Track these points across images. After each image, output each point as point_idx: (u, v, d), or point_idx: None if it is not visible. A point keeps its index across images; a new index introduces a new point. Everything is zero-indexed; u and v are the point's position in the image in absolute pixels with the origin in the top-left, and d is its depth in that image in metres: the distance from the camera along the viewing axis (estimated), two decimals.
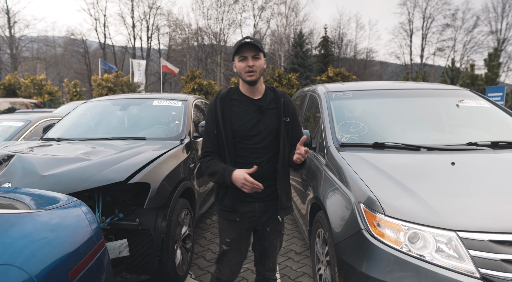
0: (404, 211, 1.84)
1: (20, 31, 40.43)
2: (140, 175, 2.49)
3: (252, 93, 1.91)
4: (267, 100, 1.93)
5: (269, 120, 1.89)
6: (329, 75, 16.07)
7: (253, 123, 1.86)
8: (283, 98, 1.94)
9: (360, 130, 2.76)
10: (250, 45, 1.79)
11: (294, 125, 1.97)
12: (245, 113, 1.88)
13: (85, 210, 1.52)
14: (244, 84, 1.89)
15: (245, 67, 1.81)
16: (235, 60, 1.87)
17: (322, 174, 2.62)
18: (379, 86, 3.44)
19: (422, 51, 39.18)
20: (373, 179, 2.12)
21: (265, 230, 2.00)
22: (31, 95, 16.47)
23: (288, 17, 37.64)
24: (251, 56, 1.81)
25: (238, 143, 1.87)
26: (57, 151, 2.89)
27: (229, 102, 1.89)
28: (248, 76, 1.82)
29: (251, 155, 1.87)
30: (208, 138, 1.92)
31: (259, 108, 1.88)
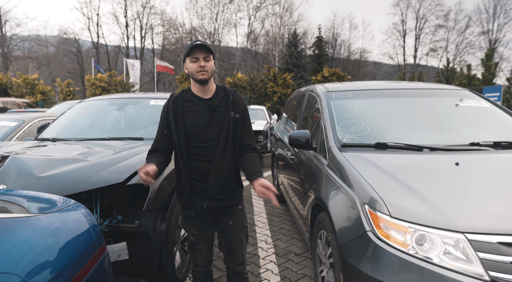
0: (410, 212, 1.81)
1: (11, 30, 39.96)
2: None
3: (203, 93, 1.98)
4: (218, 98, 2.00)
5: (220, 118, 1.96)
6: (324, 75, 16.09)
7: (205, 121, 1.94)
8: (232, 96, 2.02)
9: (361, 131, 2.74)
10: (202, 47, 1.88)
11: (244, 122, 2.05)
12: (197, 113, 1.96)
13: (85, 212, 1.47)
14: (196, 85, 1.97)
15: (196, 67, 1.89)
16: (186, 62, 1.94)
17: (324, 175, 2.59)
18: (378, 86, 3.42)
19: (415, 51, 39.49)
20: (377, 179, 2.09)
21: (227, 223, 2.06)
22: (23, 94, 16.24)
23: (283, 17, 37.68)
24: (203, 58, 1.90)
25: (191, 141, 1.96)
26: (53, 151, 2.82)
27: (181, 103, 1.98)
28: (200, 75, 1.89)
29: (204, 152, 1.96)
30: (157, 138, 2.07)
31: (210, 106, 1.95)
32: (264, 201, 5.49)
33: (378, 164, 2.26)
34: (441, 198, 1.86)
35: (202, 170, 1.97)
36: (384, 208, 1.87)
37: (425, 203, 1.84)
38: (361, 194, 2.06)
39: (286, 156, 4.28)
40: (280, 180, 4.84)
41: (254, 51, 42.42)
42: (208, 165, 1.96)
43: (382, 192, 1.96)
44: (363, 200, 2.01)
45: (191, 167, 1.96)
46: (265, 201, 5.49)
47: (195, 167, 1.97)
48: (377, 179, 2.10)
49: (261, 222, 4.50)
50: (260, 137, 9.00)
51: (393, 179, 2.07)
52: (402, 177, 2.08)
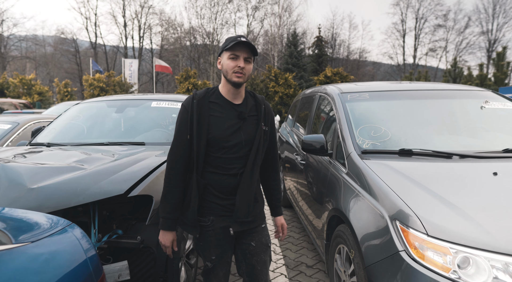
0: (451, 230, 1.60)
1: (8, 29, 39.62)
2: (142, 186, 2.22)
3: (233, 97, 1.72)
4: (248, 106, 1.74)
5: (249, 128, 1.72)
6: (327, 75, 15.88)
7: (233, 131, 1.68)
8: (263, 105, 1.79)
9: (382, 136, 2.53)
10: (247, 46, 1.62)
11: (271, 136, 1.85)
12: (225, 119, 1.68)
13: (80, 235, 1.25)
14: (227, 85, 1.70)
15: (234, 66, 1.63)
16: (222, 56, 1.68)
17: (343, 184, 2.38)
18: (396, 87, 3.21)
19: (415, 51, 39.37)
20: (407, 191, 1.88)
21: (249, 245, 1.81)
22: (20, 95, 15.97)
23: (282, 17, 37.48)
24: (244, 58, 1.64)
25: (213, 152, 1.68)
26: (47, 158, 2.60)
27: (207, 105, 1.68)
28: (236, 77, 1.63)
29: (227, 166, 1.69)
30: (178, 145, 1.70)
31: (240, 114, 1.69)
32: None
33: (405, 173, 2.05)
34: (484, 214, 1.65)
35: (223, 186, 1.70)
36: (419, 225, 1.66)
37: (467, 220, 1.62)
38: (390, 207, 1.84)
39: (294, 160, 4.07)
40: (288, 184, 4.63)
41: None
42: (231, 180, 1.69)
43: (415, 206, 1.75)
44: (393, 215, 1.79)
45: (205, 182, 1.70)
46: None
47: (214, 181, 1.70)
48: (407, 190, 1.89)
49: (268, 229, 4.27)
50: None
51: (425, 191, 1.86)
52: (434, 188, 1.87)
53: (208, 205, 1.72)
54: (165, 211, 1.73)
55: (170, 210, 1.72)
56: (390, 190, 1.91)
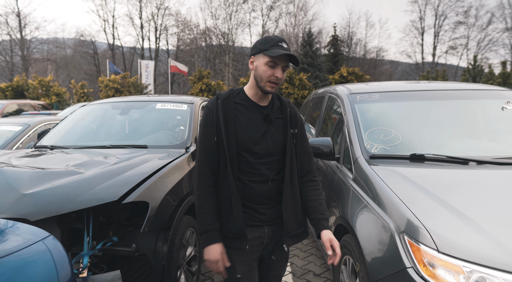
0: (465, 247, 1.45)
1: (31, 33, 40.73)
2: (137, 192, 2.14)
3: (259, 99, 1.61)
4: (274, 108, 1.63)
5: (276, 131, 1.60)
6: (342, 75, 15.58)
7: (260, 134, 1.56)
8: (289, 108, 1.68)
9: (392, 139, 2.37)
10: (287, 56, 1.50)
11: (302, 138, 1.69)
12: (251, 121, 1.57)
13: (55, 250, 1.16)
14: (255, 89, 1.59)
15: (271, 75, 1.51)
16: (258, 58, 1.54)
17: (350, 191, 2.24)
18: (409, 87, 3.03)
19: (434, 49, 38.40)
20: (417, 201, 1.73)
21: (270, 258, 1.70)
22: (39, 96, 16.32)
23: (297, 16, 37.23)
24: (282, 67, 1.52)
25: (243, 155, 1.56)
26: (46, 162, 2.56)
27: (232, 106, 1.57)
28: (270, 87, 1.53)
29: (254, 171, 1.56)
30: (205, 151, 1.56)
31: (266, 117, 1.58)
32: None
33: (415, 181, 1.89)
34: (504, 229, 1.49)
35: (248, 193, 1.56)
36: (429, 240, 1.51)
37: (484, 235, 1.47)
38: (397, 219, 1.70)
39: None
40: None
41: None
42: (257, 187, 1.56)
43: (425, 218, 1.60)
44: (400, 227, 1.65)
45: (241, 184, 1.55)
46: None
47: (247, 190, 1.57)
48: (417, 200, 1.74)
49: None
50: None
51: (437, 201, 1.70)
52: (448, 198, 1.71)
53: None
54: (206, 223, 1.52)
55: (211, 220, 1.53)
56: (398, 200, 1.77)
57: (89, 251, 1.99)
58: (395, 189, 1.85)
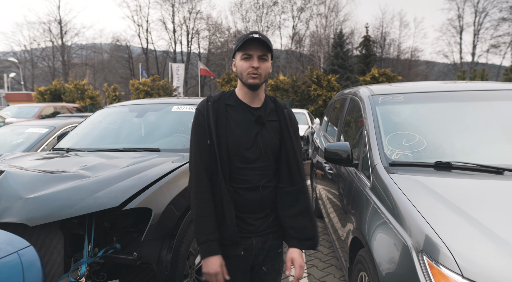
0: (495, 273, 1.24)
1: (71, 39, 42.77)
2: (140, 198, 2.06)
3: (250, 100, 1.55)
4: (267, 110, 1.56)
5: (268, 134, 1.54)
6: (374, 76, 15.08)
7: (251, 136, 1.50)
8: (286, 109, 1.61)
9: (415, 145, 2.16)
10: (259, 42, 1.45)
11: (295, 143, 1.60)
12: (241, 123, 1.51)
13: (29, 263, 1.08)
14: (243, 88, 1.54)
15: (248, 67, 1.47)
16: (236, 58, 1.52)
17: (367, 201, 2.05)
18: (437, 87, 2.78)
19: (473, 48, 36.54)
20: (440, 216, 1.53)
21: (260, 269, 1.62)
22: (74, 99, 17.01)
23: (328, 17, 36.65)
24: (258, 56, 1.47)
25: (231, 160, 1.50)
26: (56, 165, 2.55)
27: (223, 108, 1.52)
28: (251, 78, 1.47)
29: (243, 178, 1.50)
30: (199, 152, 1.49)
31: (258, 119, 1.52)
32: None
33: (439, 192, 1.68)
34: None
35: (239, 202, 1.49)
36: (452, 262, 1.31)
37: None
38: (417, 236, 1.50)
39: (324, 168, 3.75)
40: (318, 193, 4.30)
41: (299, 53, 41.72)
42: (248, 195, 1.50)
43: (448, 237, 1.40)
44: (420, 246, 1.45)
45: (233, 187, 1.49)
46: None
47: (237, 198, 1.50)
48: (440, 215, 1.53)
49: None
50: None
51: (464, 217, 1.49)
52: (477, 214, 1.49)
53: None
54: (205, 233, 1.44)
55: (211, 229, 1.44)
56: (418, 213, 1.57)
57: (89, 259, 1.93)
58: (415, 201, 1.65)
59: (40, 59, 44.17)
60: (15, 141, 4.80)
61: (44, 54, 43.66)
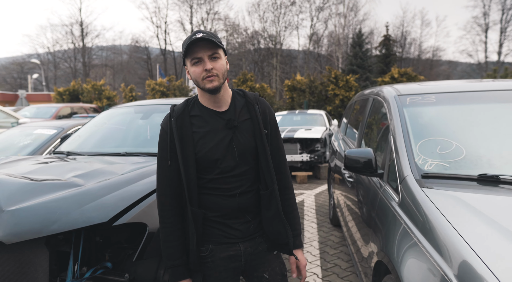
0: None
1: (91, 41, 43.55)
2: (134, 212, 1.83)
3: (216, 105, 1.43)
4: (237, 110, 1.44)
5: (243, 137, 1.43)
6: (393, 76, 14.54)
7: (225, 144, 1.40)
8: (257, 104, 1.48)
9: (453, 153, 1.84)
10: (204, 42, 1.33)
11: (273, 139, 1.51)
12: (212, 133, 1.41)
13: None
14: (204, 94, 1.42)
15: (201, 72, 1.35)
16: (187, 65, 1.40)
17: (394, 219, 1.74)
18: (474, 86, 2.45)
19: (500, 47, 35.14)
20: (489, 244, 1.22)
21: (262, 278, 1.52)
22: (92, 100, 17.15)
23: (347, 16, 36.03)
24: (208, 56, 1.35)
25: (207, 173, 1.42)
26: (50, 171, 2.35)
27: (188, 121, 1.40)
28: (208, 82, 1.35)
29: (224, 186, 1.42)
30: (162, 176, 1.43)
31: (228, 123, 1.41)
32: (318, 225, 4.66)
33: (487, 213, 1.37)
34: None
35: (222, 208, 1.43)
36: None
37: None
38: (458, 266, 1.20)
39: (343, 174, 3.44)
40: (336, 200, 4.00)
41: (317, 53, 41.20)
42: (231, 201, 1.42)
43: (499, 269, 1.10)
44: (462, 278, 1.15)
45: (204, 209, 1.43)
46: (319, 225, 4.65)
47: (212, 204, 1.43)
48: (489, 242, 1.23)
49: (312, 254, 3.69)
50: (317, 146, 8.14)
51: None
52: None
53: (207, 231, 1.44)
54: (171, 258, 1.40)
55: (177, 254, 1.41)
56: (461, 240, 1.26)
57: (74, 280, 1.71)
58: (458, 224, 1.34)
59: (62, 61, 45.20)
60: (23, 143, 4.69)
61: (66, 56, 44.65)
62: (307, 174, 7.62)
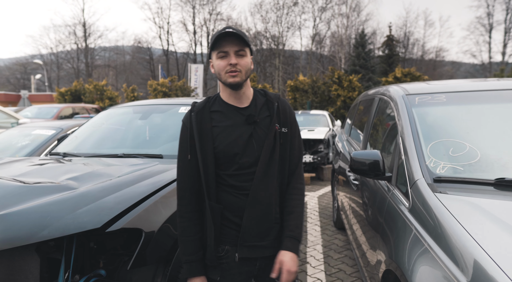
0: None
1: (94, 41, 43.61)
2: (129, 217, 1.74)
3: (237, 101, 1.46)
4: (258, 107, 1.47)
5: (263, 133, 1.44)
6: (396, 76, 14.41)
7: (244, 140, 1.42)
8: (277, 102, 1.51)
9: (466, 156, 1.74)
10: (233, 37, 1.36)
11: (292, 138, 1.51)
12: (231, 128, 1.43)
13: None
14: (226, 89, 1.46)
15: (225, 66, 1.38)
16: (212, 58, 1.43)
17: (405, 226, 1.64)
18: (487, 85, 2.34)
19: (504, 47, 34.93)
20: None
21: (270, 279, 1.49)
22: (94, 100, 17.11)
23: (349, 17, 35.93)
24: (234, 52, 1.38)
25: (225, 168, 1.43)
26: (44, 173, 2.26)
27: (208, 116, 1.44)
28: (230, 77, 1.38)
29: (242, 183, 1.42)
30: (182, 169, 1.46)
31: (248, 118, 1.43)
32: (321, 228, 4.56)
33: (509, 222, 1.27)
34: None
35: (240, 209, 1.43)
36: None
37: None
38: (478, 280, 1.10)
39: (348, 176, 3.34)
40: (340, 203, 3.90)
41: (319, 53, 41.08)
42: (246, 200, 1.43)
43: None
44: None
45: (222, 205, 1.43)
46: (323, 228, 4.55)
47: (229, 203, 1.43)
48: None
49: (315, 258, 3.59)
50: (320, 147, 8.04)
51: None
52: None
53: (223, 231, 1.44)
54: (186, 253, 1.42)
55: (192, 250, 1.42)
56: (481, 250, 1.16)
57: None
58: (476, 232, 1.24)
59: (65, 61, 45.28)
60: (21, 143, 4.61)
61: (69, 57, 44.73)
62: (310, 175, 7.53)
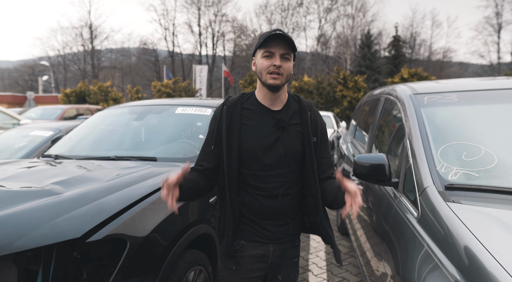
0: None
1: (100, 43, 43.82)
2: (112, 225, 1.61)
3: (271, 103, 1.47)
4: (289, 113, 1.48)
5: (290, 139, 1.46)
6: (403, 77, 14.19)
7: (270, 142, 1.43)
8: (310, 111, 1.51)
9: (481, 161, 1.58)
10: (282, 40, 1.37)
11: (322, 147, 1.53)
12: (259, 128, 1.45)
13: None
14: (263, 89, 1.46)
15: (269, 66, 1.39)
16: (256, 56, 1.45)
17: (414, 239, 1.49)
18: (503, 84, 2.18)
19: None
20: None
21: (275, 278, 1.57)
22: (98, 101, 17.11)
23: (355, 18, 35.68)
24: (280, 54, 1.39)
25: (247, 167, 1.46)
26: (30, 177, 2.14)
27: (239, 112, 1.45)
28: (271, 78, 1.39)
29: (263, 184, 1.45)
30: (202, 153, 1.51)
31: (278, 122, 1.44)
32: None
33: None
34: None
35: (257, 208, 1.45)
36: None
37: None
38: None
39: (352, 179, 3.19)
40: None
41: (325, 54, 40.87)
42: (267, 202, 1.45)
43: None
44: None
45: (239, 198, 1.45)
46: None
47: (248, 202, 1.46)
48: None
49: (318, 265, 3.44)
50: None
51: None
52: None
53: (240, 227, 1.48)
54: None
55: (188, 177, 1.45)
56: (502, 270, 1.02)
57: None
58: (495, 249, 1.09)
59: (72, 63, 45.56)
60: (18, 145, 4.53)
61: (75, 58, 45.01)
62: None
